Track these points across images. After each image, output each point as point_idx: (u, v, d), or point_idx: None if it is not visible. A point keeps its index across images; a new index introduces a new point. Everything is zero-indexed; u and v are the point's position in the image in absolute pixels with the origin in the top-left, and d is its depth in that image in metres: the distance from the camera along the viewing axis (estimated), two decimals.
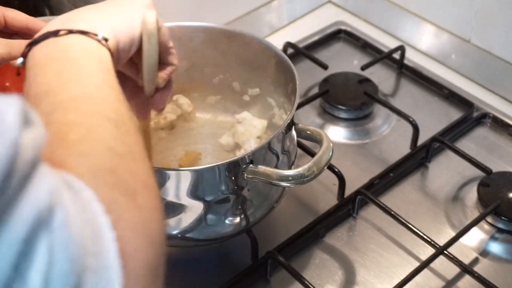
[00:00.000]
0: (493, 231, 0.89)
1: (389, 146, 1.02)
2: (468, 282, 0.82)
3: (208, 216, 0.74)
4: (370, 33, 1.23)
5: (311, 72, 1.13)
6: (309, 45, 1.19)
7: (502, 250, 0.87)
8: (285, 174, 0.70)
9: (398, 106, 1.04)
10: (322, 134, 0.75)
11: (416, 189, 0.95)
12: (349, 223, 0.90)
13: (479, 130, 1.05)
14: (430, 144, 0.98)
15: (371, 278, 0.83)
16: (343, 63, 1.17)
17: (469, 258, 0.86)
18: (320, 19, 1.28)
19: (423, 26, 1.19)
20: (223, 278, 0.81)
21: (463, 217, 0.91)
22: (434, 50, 1.19)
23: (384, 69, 1.16)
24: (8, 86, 1.04)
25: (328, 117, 1.07)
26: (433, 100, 1.11)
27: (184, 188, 0.71)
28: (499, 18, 1.06)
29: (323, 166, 0.71)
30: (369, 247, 0.87)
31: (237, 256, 0.85)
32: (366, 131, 1.05)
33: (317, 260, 0.85)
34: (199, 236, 0.77)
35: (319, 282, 0.82)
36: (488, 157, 0.99)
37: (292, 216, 0.90)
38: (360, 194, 0.90)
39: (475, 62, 1.13)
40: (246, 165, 0.71)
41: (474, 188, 0.93)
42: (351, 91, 1.08)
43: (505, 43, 1.08)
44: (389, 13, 1.23)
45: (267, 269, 0.82)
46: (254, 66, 0.88)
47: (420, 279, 0.82)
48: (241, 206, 0.75)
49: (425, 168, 0.99)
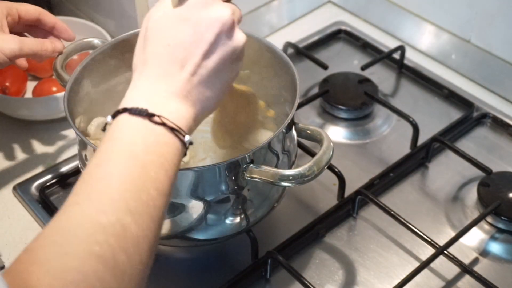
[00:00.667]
0: (493, 231, 0.89)
1: (389, 146, 1.02)
2: (468, 282, 0.82)
3: (208, 216, 0.74)
4: (370, 33, 1.23)
5: (311, 72, 1.13)
6: (309, 45, 1.19)
7: (502, 250, 0.87)
8: (286, 174, 0.70)
9: (398, 106, 1.04)
10: (322, 133, 0.75)
11: (416, 189, 0.95)
12: (349, 223, 0.90)
13: (479, 130, 1.05)
14: (430, 144, 0.98)
15: (371, 278, 0.83)
16: (343, 63, 1.17)
17: (469, 258, 0.86)
18: (320, 19, 1.28)
19: (423, 26, 1.19)
20: (223, 278, 0.81)
21: (463, 217, 0.91)
22: (434, 50, 1.19)
23: (384, 69, 1.16)
24: (8, 86, 1.04)
25: (328, 117, 1.07)
26: (433, 100, 1.11)
27: (185, 187, 0.71)
28: (499, 18, 1.06)
29: (324, 165, 0.71)
30: (369, 247, 0.87)
31: (237, 256, 0.85)
32: (366, 131, 1.05)
33: (317, 260, 0.85)
34: (199, 236, 0.77)
35: (319, 282, 0.82)
36: (488, 157, 1.00)
37: (292, 216, 0.90)
38: (360, 194, 0.90)
39: (475, 62, 1.13)
40: (247, 165, 0.71)
41: (474, 188, 0.93)
42: (351, 91, 1.08)
43: (505, 43, 1.08)
44: (389, 13, 1.23)
45: (267, 269, 0.82)
46: (254, 66, 0.88)
47: (420, 279, 0.82)
48: (241, 206, 0.75)
49: (425, 168, 0.99)
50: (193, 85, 0.58)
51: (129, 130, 0.54)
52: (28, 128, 1.03)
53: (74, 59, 0.92)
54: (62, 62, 0.85)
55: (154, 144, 0.54)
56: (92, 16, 1.18)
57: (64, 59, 0.85)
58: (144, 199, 0.51)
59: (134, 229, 0.49)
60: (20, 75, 1.08)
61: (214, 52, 0.59)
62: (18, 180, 0.94)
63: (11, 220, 0.90)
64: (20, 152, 1.00)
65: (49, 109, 1.00)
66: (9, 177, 0.95)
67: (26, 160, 0.98)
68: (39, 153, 0.99)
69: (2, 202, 0.92)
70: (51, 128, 1.03)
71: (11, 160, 0.98)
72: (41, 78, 1.11)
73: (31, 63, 1.09)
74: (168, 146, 0.55)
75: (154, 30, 0.59)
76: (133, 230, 0.49)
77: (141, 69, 0.59)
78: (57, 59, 0.85)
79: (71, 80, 0.79)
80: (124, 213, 0.49)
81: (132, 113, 0.55)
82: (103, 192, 0.50)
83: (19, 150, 1.00)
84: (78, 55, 0.91)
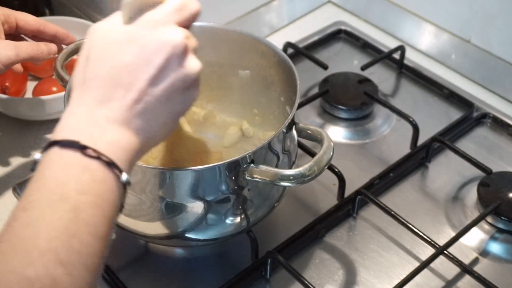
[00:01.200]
0: (493, 231, 0.89)
1: (389, 146, 1.02)
2: (468, 282, 0.82)
3: (208, 216, 0.74)
4: (370, 33, 1.23)
5: (311, 72, 1.13)
6: (309, 45, 1.19)
7: (502, 250, 0.87)
8: (286, 174, 0.70)
9: (398, 106, 1.04)
10: (323, 133, 0.75)
11: (416, 189, 0.95)
12: (349, 223, 0.90)
13: (479, 130, 1.05)
14: (430, 144, 0.98)
15: (371, 278, 0.83)
16: (343, 63, 1.17)
17: (469, 258, 0.86)
18: (320, 19, 1.28)
19: (423, 26, 1.19)
20: (223, 278, 0.81)
21: (463, 217, 0.91)
22: (434, 50, 1.19)
23: (384, 69, 1.16)
24: (8, 86, 1.04)
25: (328, 117, 1.07)
26: (433, 100, 1.11)
27: (185, 188, 0.71)
28: (499, 18, 1.06)
29: (324, 165, 0.71)
30: (369, 247, 0.87)
31: (237, 256, 0.85)
32: (366, 131, 1.05)
33: (317, 260, 0.85)
34: (200, 236, 0.77)
35: (319, 282, 0.82)
36: (488, 157, 1.00)
37: (292, 216, 0.90)
38: (360, 194, 0.90)
39: (475, 62, 1.13)
40: (247, 164, 0.71)
41: (474, 188, 0.93)
42: (351, 91, 1.08)
43: (505, 43, 1.08)
44: (389, 13, 1.23)
45: (267, 269, 0.82)
46: (254, 66, 0.88)
47: (420, 279, 0.82)
48: (242, 206, 0.75)
49: (425, 168, 0.99)
50: (137, 113, 0.52)
51: (60, 167, 0.48)
52: (28, 128, 1.03)
53: (74, 59, 0.92)
54: (62, 62, 0.85)
55: (89, 182, 0.48)
56: (92, 16, 1.18)
57: (64, 59, 0.85)
58: (77, 247, 0.45)
59: (67, 281, 0.44)
60: (20, 75, 1.08)
61: (163, 79, 0.53)
62: (18, 180, 0.94)
63: None
64: (20, 152, 1.00)
65: (49, 109, 1.00)
66: (9, 177, 0.95)
67: (26, 160, 0.98)
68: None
69: (2, 202, 0.92)
70: (51, 128, 1.02)
71: (11, 160, 0.98)
72: (41, 78, 1.11)
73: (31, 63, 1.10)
74: (105, 184, 0.49)
75: (99, 49, 0.54)
76: (65, 282, 0.44)
77: (80, 92, 0.53)
78: (57, 59, 0.85)
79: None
80: (54, 264, 0.44)
81: (63, 146, 0.49)
82: (30, 241, 0.44)
83: (19, 150, 1.00)
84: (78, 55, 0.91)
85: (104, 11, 1.15)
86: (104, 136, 0.50)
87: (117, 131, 0.51)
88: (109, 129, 0.51)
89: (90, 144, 0.49)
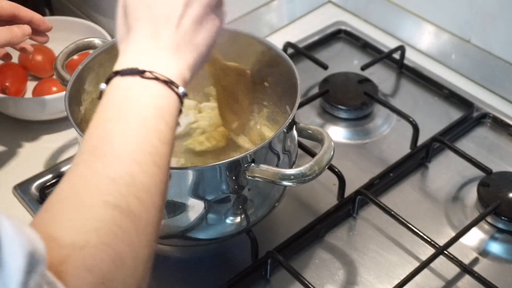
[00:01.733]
0: (493, 231, 0.89)
1: (389, 146, 1.02)
2: (468, 282, 0.82)
3: (208, 215, 0.74)
4: (370, 33, 1.23)
5: (311, 72, 1.13)
6: (309, 45, 1.19)
7: (502, 250, 0.87)
8: (287, 173, 0.70)
9: (398, 106, 1.04)
10: (323, 133, 0.75)
11: (416, 189, 0.95)
12: (349, 223, 0.90)
13: (479, 130, 1.05)
14: (430, 144, 0.98)
15: (371, 278, 0.83)
16: (343, 63, 1.17)
17: (469, 258, 0.86)
18: (320, 19, 1.28)
19: (423, 26, 1.19)
20: (223, 278, 0.81)
21: (463, 217, 0.91)
22: (434, 50, 1.19)
23: (384, 69, 1.16)
24: (8, 86, 1.04)
25: (328, 117, 1.07)
26: (433, 100, 1.11)
27: (185, 187, 0.71)
28: (499, 18, 1.06)
29: (325, 165, 0.71)
30: (369, 247, 0.87)
31: (237, 256, 0.85)
32: (366, 131, 1.05)
33: (317, 260, 0.85)
34: (200, 235, 0.77)
35: (319, 282, 0.82)
36: (488, 157, 1.00)
37: (292, 216, 0.90)
38: (360, 194, 0.90)
39: (475, 62, 1.13)
40: (248, 164, 0.71)
41: (474, 188, 0.93)
42: (351, 91, 1.08)
43: (505, 43, 1.08)
44: (389, 13, 1.23)
45: (267, 269, 0.82)
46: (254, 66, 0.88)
47: (420, 279, 0.82)
48: (242, 206, 0.75)
49: (425, 168, 0.99)
50: (180, 36, 0.59)
51: (123, 90, 0.55)
52: (28, 128, 1.03)
53: (75, 59, 0.92)
54: (62, 62, 0.85)
55: (150, 98, 0.55)
56: (92, 16, 1.18)
57: (64, 59, 0.85)
58: (148, 149, 0.52)
59: (143, 177, 0.51)
60: (20, 75, 1.08)
61: (194, 1, 0.60)
62: (18, 180, 0.94)
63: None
64: (20, 152, 1.00)
65: (49, 109, 1.00)
66: (9, 177, 0.95)
67: (26, 160, 0.98)
68: (39, 153, 0.99)
69: (2, 202, 0.92)
70: (51, 128, 1.03)
71: (11, 160, 0.98)
72: (41, 78, 1.11)
73: (31, 63, 1.10)
74: (164, 98, 0.55)
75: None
76: (142, 178, 0.51)
77: (127, 38, 0.59)
78: (57, 59, 0.85)
79: (72, 79, 0.79)
80: (131, 164, 0.51)
81: (123, 74, 0.55)
82: (107, 148, 0.51)
83: (19, 150, 1.00)
84: (79, 55, 0.91)
85: (104, 11, 1.15)
86: (157, 62, 0.57)
87: (167, 56, 0.58)
88: (160, 57, 0.57)
89: (146, 69, 0.55)
